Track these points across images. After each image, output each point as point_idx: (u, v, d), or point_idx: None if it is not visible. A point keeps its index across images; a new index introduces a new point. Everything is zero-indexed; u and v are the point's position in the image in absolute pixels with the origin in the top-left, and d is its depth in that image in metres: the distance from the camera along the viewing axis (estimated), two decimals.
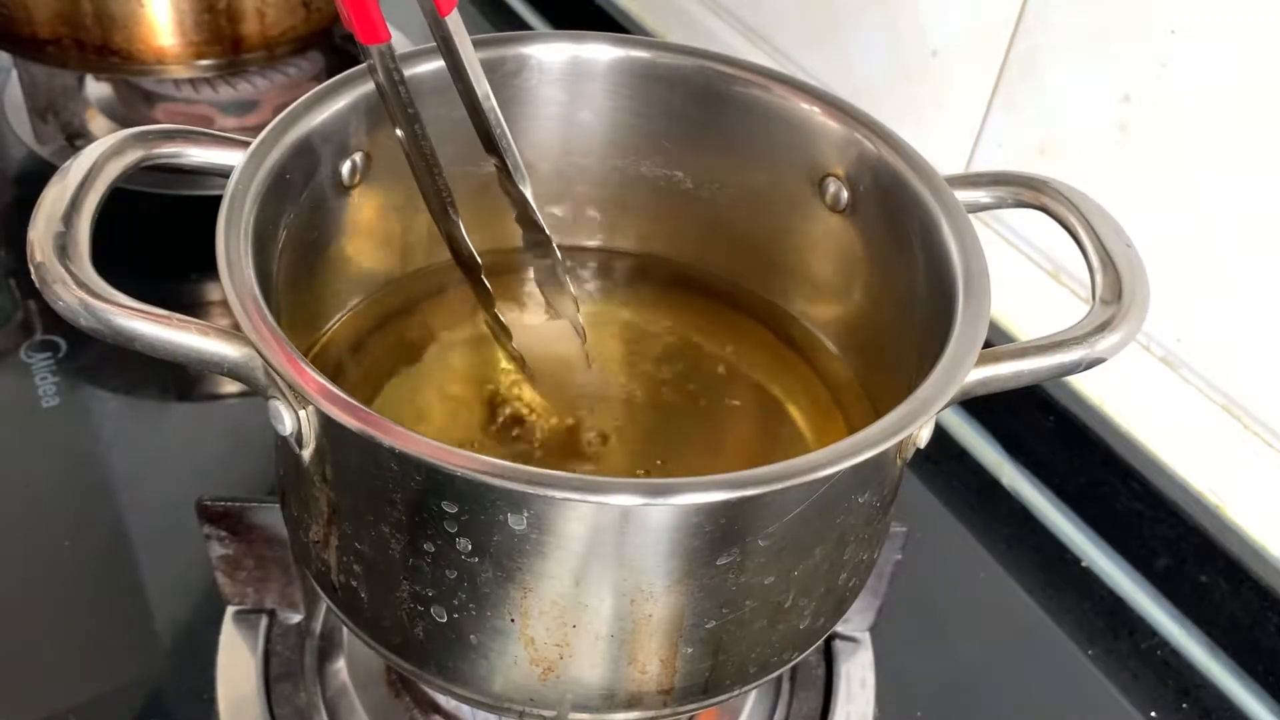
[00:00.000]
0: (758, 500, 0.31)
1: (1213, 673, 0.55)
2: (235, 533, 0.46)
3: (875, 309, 0.44)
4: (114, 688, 0.47)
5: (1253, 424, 0.55)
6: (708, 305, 0.49)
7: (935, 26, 0.63)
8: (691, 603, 0.33)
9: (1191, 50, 0.52)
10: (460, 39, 0.39)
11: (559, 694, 0.35)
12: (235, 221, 0.34)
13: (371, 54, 0.38)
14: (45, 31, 0.64)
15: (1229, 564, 0.54)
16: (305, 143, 0.39)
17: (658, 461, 0.43)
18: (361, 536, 0.34)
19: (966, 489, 0.62)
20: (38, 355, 0.61)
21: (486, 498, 0.30)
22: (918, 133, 0.45)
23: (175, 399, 0.61)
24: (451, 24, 0.38)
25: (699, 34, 0.81)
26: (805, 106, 0.43)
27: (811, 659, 0.50)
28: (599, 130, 0.47)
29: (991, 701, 0.52)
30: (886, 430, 0.31)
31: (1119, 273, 0.37)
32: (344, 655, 0.48)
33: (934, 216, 0.39)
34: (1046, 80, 0.58)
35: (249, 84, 0.73)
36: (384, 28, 0.37)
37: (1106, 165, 0.57)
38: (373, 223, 0.45)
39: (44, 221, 0.32)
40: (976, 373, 0.34)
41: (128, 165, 0.35)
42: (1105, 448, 0.59)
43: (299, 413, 0.33)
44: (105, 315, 0.31)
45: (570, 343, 0.46)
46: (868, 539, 0.38)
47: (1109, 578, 0.58)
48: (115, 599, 0.51)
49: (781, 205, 0.46)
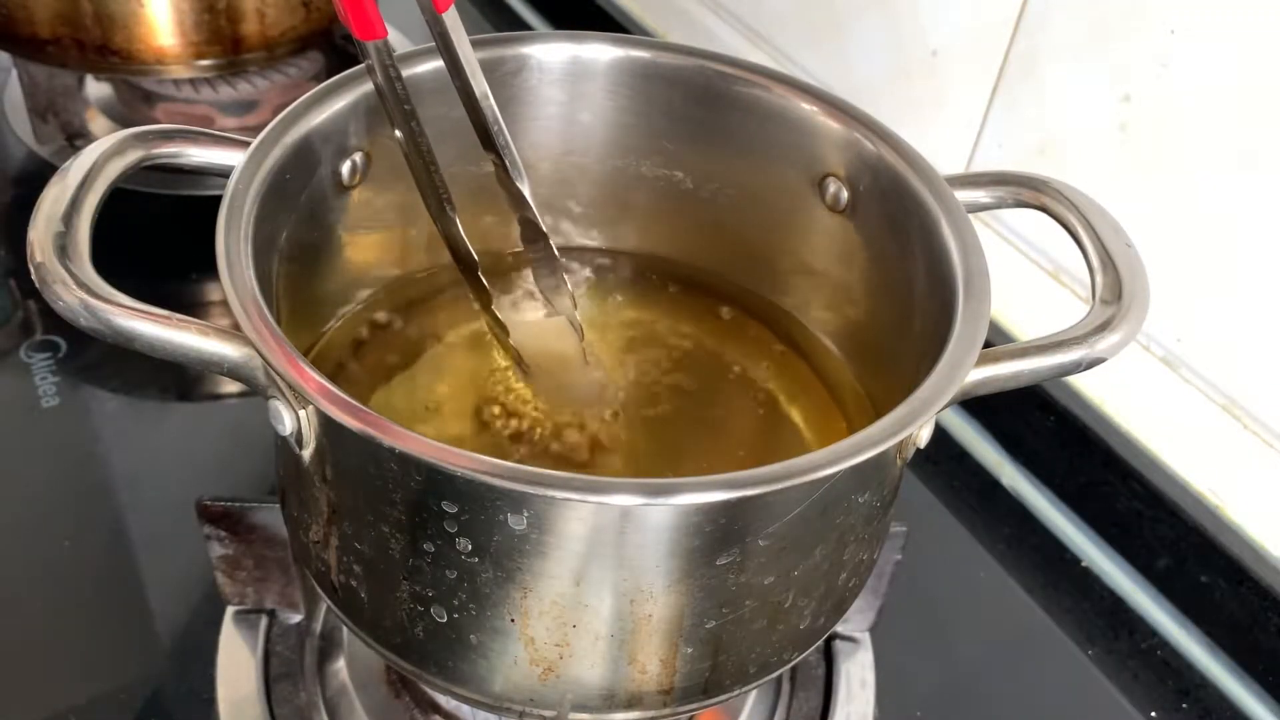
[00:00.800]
0: (758, 500, 0.31)
1: (1213, 673, 0.55)
2: (235, 533, 0.46)
3: (875, 309, 0.44)
4: (114, 688, 0.47)
5: (1253, 424, 0.55)
6: (707, 305, 0.49)
7: (935, 26, 0.63)
8: (691, 603, 0.33)
9: (1191, 50, 0.52)
10: (457, 35, 0.39)
11: (559, 694, 0.35)
12: (235, 221, 0.34)
13: (368, 50, 0.38)
14: (45, 31, 0.64)
15: (1229, 564, 0.54)
16: (305, 143, 0.39)
17: (658, 461, 0.43)
18: (361, 536, 0.34)
19: (966, 489, 0.62)
20: (38, 355, 0.61)
21: (486, 498, 0.30)
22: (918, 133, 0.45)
23: (175, 399, 0.61)
24: (449, 20, 0.38)
25: (699, 34, 0.81)
26: (805, 106, 0.43)
27: (811, 659, 0.50)
28: (599, 130, 0.47)
29: (991, 701, 0.52)
30: (886, 430, 0.31)
31: (1119, 273, 0.37)
32: (344, 655, 0.48)
33: (934, 216, 0.39)
34: (1046, 80, 0.58)
35: (249, 84, 0.73)
36: (380, 24, 0.37)
37: (1106, 165, 0.57)
38: (372, 223, 0.45)
39: (44, 221, 0.32)
40: (976, 373, 0.34)
41: (128, 165, 0.35)
42: (1105, 448, 0.59)
43: (299, 413, 0.33)
44: (105, 315, 0.31)
45: (568, 340, 0.46)
46: (868, 539, 0.38)
47: (1109, 578, 0.58)
48: (115, 599, 0.51)
49: (781, 205, 0.46)
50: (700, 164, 0.47)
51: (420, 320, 0.47)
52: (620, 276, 0.50)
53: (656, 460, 0.43)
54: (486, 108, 0.40)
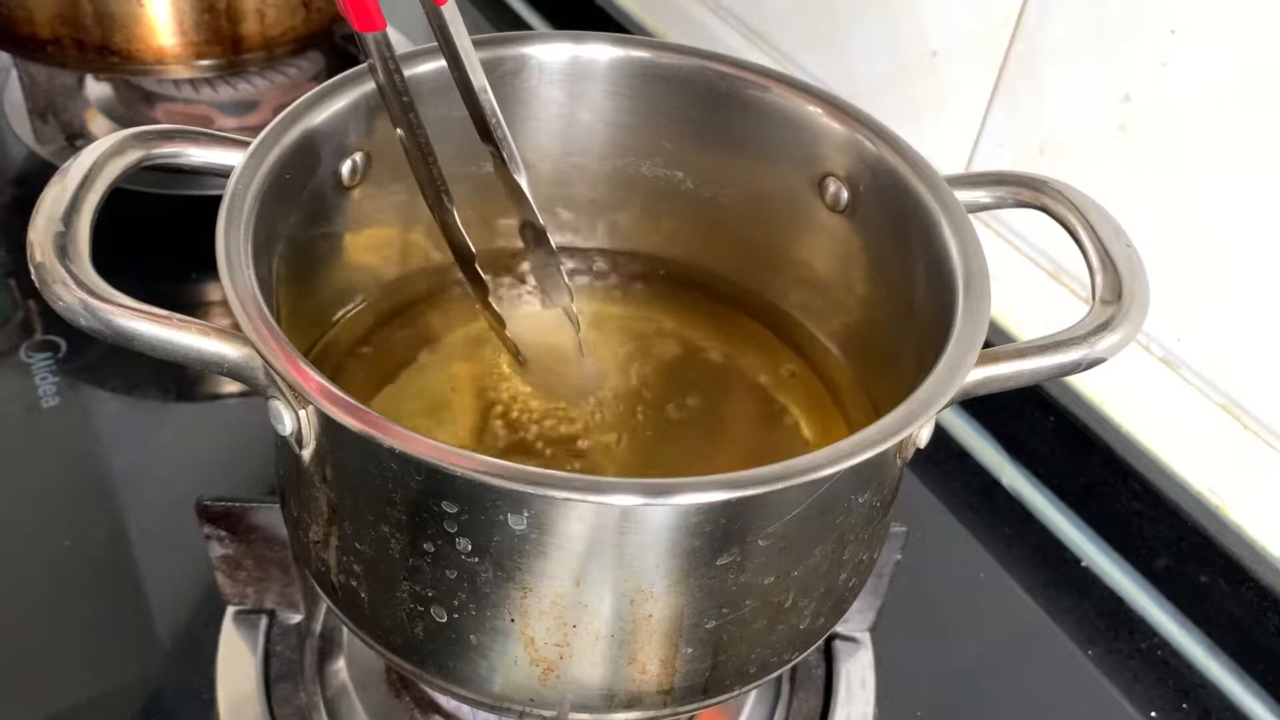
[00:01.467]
0: (758, 500, 0.31)
1: (1213, 673, 0.55)
2: (235, 533, 0.46)
3: (875, 309, 0.44)
4: (114, 688, 0.47)
5: (1253, 424, 0.55)
6: (707, 305, 0.49)
7: (935, 26, 0.63)
8: (691, 603, 0.33)
9: (1191, 50, 0.52)
10: (456, 28, 0.39)
11: (559, 694, 0.35)
12: (235, 221, 0.34)
13: (368, 43, 0.38)
14: (45, 31, 0.64)
15: (1229, 564, 0.54)
16: (305, 143, 0.39)
17: (658, 461, 0.43)
18: (361, 536, 0.34)
19: (966, 489, 0.62)
20: (38, 355, 0.61)
21: (486, 498, 0.30)
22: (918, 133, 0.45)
23: (175, 399, 0.61)
24: (448, 13, 0.38)
25: (699, 34, 0.81)
26: (805, 106, 0.43)
27: (811, 659, 0.50)
28: (599, 130, 0.47)
29: (991, 701, 0.52)
30: (886, 430, 0.31)
31: (1119, 273, 0.37)
32: (344, 655, 0.48)
33: (934, 216, 0.39)
34: (1046, 80, 0.58)
35: (249, 84, 0.73)
36: (380, 16, 0.37)
37: (1106, 165, 0.57)
38: (373, 223, 0.45)
39: (44, 221, 0.32)
40: (976, 373, 0.34)
41: (128, 165, 0.35)
42: (1105, 448, 0.59)
43: (299, 413, 0.33)
44: (105, 315, 0.31)
45: (565, 332, 0.46)
46: (867, 539, 0.38)
47: (1109, 578, 0.58)
48: (115, 599, 0.51)
49: (781, 205, 0.46)
50: (700, 164, 0.47)
51: (420, 320, 0.47)
52: (620, 276, 0.50)
53: (656, 460, 0.43)
54: (485, 100, 0.40)
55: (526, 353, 0.45)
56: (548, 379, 0.45)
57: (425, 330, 0.47)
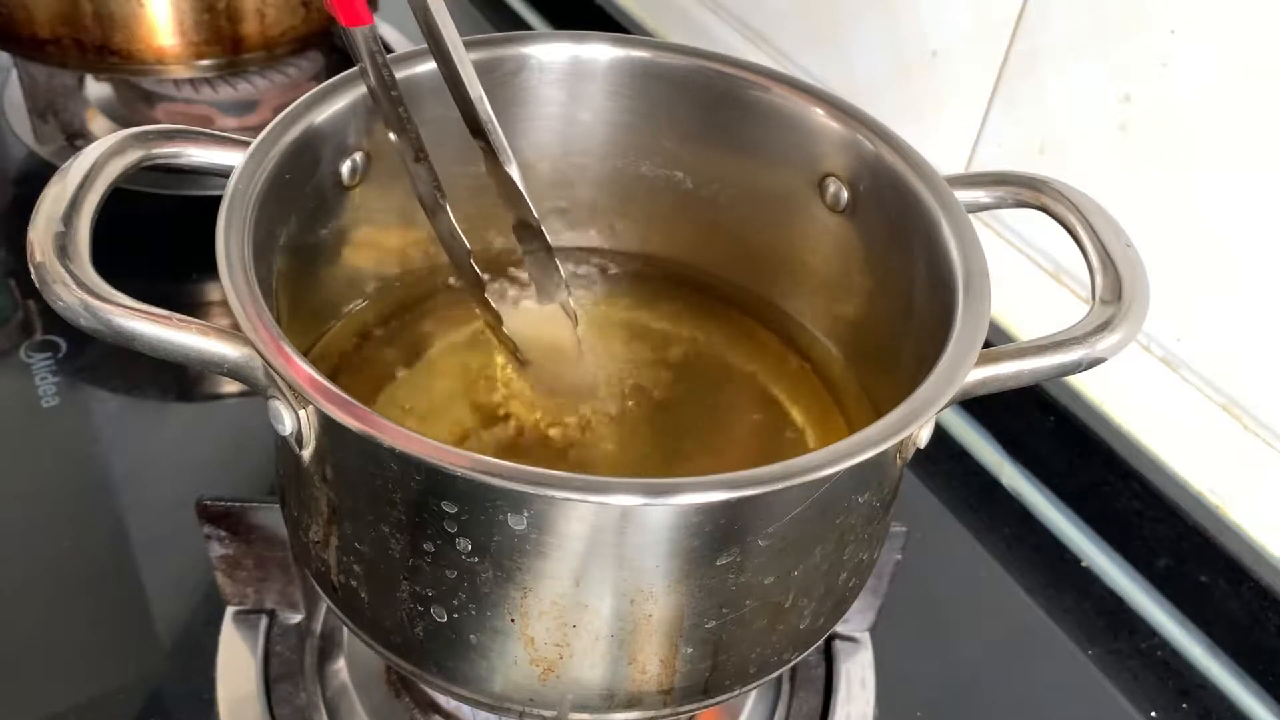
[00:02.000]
0: (758, 500, 0.31)
1: (1213, 673, 0.55)
2: (235, 533, 0.46)
3: (875, 309, 0.44)
4: (114, 688, 0.47)
5: (1253, 424, 0.55)
6: (708, 305, 0.49)
7: (935, 26, 0.63)
8: (691, 603, 0.33)
9: (1191, 50, 0.52)
10: (442, 20, 0.38)
11: (559, 694, 0.35)
12: (235, 221, 0.34)
13: (355, 38, 0.37)
14: (45, 31, 0.64)
15: (1229, 564, 0.54)
16: (305, 143, 0.39)
17: (657, 461, 0.43)
18: (361, 536, 0.34)
19: (966, 489, 0.62)
20: (38, 355, 0.61)
21: (486, 498, 0.30)
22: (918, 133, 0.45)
23: (175, 399, 0.61)
24: (433, 5, 0.38)
25: (699, 34, 0.81)
26: (805, 107, 0.43)
27: (811, 659, 0.50)
28: (599, 130, 0.47)
29: (991, 701, 0.52)
30: (886, 430, 0.31)
31: (1119, 273, 0.37)
32: (344, 655, 0.48)
33: (934, 216, 0.39)
34: (1046, 80, 0.58)
35: (249, 84, 0.73)
36: (366, 10, 0.37)
37: (1106, 165, 0.57)
38: (372, 223, 0.45)
39: (44, 221, 0.32)
40: (976, 373, 0.34)
41: (128, 165, 0.35)
42: (1105, 448, 0.59)
43: (299, 413, 0.33)
44: (105, 315, 0.31)
45: (563, 329, 0.46)
46: (867, 539, 0.38)
47: (1109, 578, 0.58)
48: (115, 599, 0.51)
49: (781, 205, 0.46)
50: (700, 164, 0.47)
51: (420, 320, 0.47)
52: (620, 277, 0.50)
53: (656, 460, 0.43)
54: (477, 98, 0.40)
55: (526, 352, 0.45)
56: (547, 378, 0.45)
57: (425, 330, 0.47)
